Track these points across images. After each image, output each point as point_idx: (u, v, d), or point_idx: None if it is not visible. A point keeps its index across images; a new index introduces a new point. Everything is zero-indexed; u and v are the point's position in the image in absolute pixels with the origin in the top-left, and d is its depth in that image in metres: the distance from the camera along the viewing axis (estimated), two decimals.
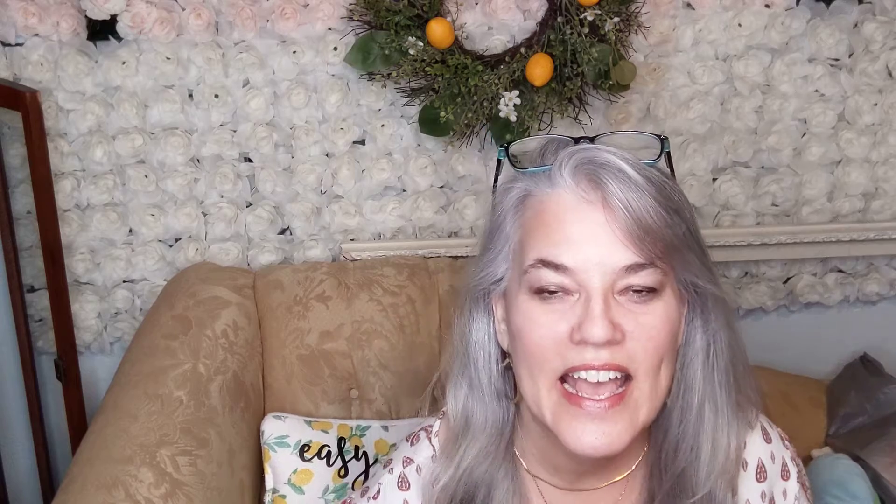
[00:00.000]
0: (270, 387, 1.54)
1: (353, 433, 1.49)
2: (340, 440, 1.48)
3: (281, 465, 1.45)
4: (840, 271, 1.91)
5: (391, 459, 1.01)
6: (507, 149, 0.91)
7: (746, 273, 1.88)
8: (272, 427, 1.47)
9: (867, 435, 1.67)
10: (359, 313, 1.56)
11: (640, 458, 0.95)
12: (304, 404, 1.54)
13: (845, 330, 1.94)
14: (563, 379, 0.84)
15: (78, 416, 1.68)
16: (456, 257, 1.69)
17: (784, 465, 0.98)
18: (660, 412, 0.89)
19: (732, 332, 0.92)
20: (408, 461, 0.99)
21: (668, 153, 0.89)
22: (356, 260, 1.71)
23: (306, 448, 1.46)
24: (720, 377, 0.90)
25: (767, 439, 0.98)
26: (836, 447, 1.69)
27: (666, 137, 0.89)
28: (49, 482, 1.79)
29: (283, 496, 1.44)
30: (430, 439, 0.99)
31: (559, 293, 0.84)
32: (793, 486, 0.99)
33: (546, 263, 0.84)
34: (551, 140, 0.89)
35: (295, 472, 1.45)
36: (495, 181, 0.93)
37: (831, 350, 1.91)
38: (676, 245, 0.84)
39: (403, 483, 0.98)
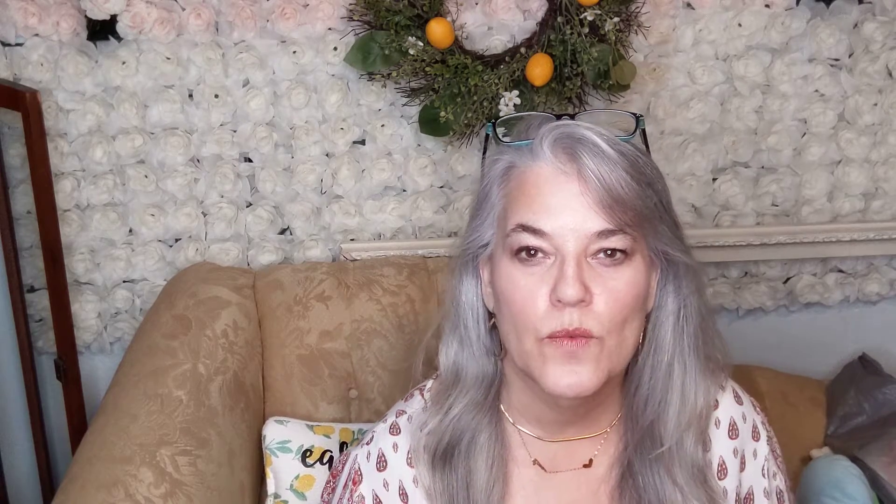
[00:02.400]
0: (270, 387, 1.55)
1: (356, 437, 1.48)
2: (343, 445, 1.48)
3: (283, 471, 1.45)
4: (840, 271, 1.91)
5: (386, 414, 1.08)
6: (494, 125, 0.98)
7: (746, 273, 1.89)
8: (274, 432, 1.47)
9: (866, 435, 1.67)
10: (358, 313, 1.56)
11: (619, 416, 1.02)
12: (304, 404, 1.54)
13: (845, 330, 1.94)
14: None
15: (78, 416, 1.68)
16: None
17: (754, 426, 1.06)
18: (632, 369, 0.98)
19: (702, 298, 0.99)
20: (400, 412, 1.06)
21: (644, 130, 0.96)
22: (356, 260, 1.71)
23: (308, 453, 1.46)
24: (689, 339, 0.97)
25: (739, 401, 1.06)
26: (834, 447, 1.69)
27: (641, 116, 0.96)
28: (49, 482, 1.79)
29: (286, 501, 1.43)
30: (422, 395, 1.06)
31: (538, 255, 0.91)
32: (762, 447, 1.06)
33: (526, 228, 0.91)
34: (535, 116, 0.97)
35: (297, 477, 1.45)
36: (484, 153, 1.01)
37: (831, 350, 1.91)
38: (647, 215, 0.92)
39: (395, 429, 1.05)
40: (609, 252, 0.90)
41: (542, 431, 1.01)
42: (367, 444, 1.05)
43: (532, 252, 0.91)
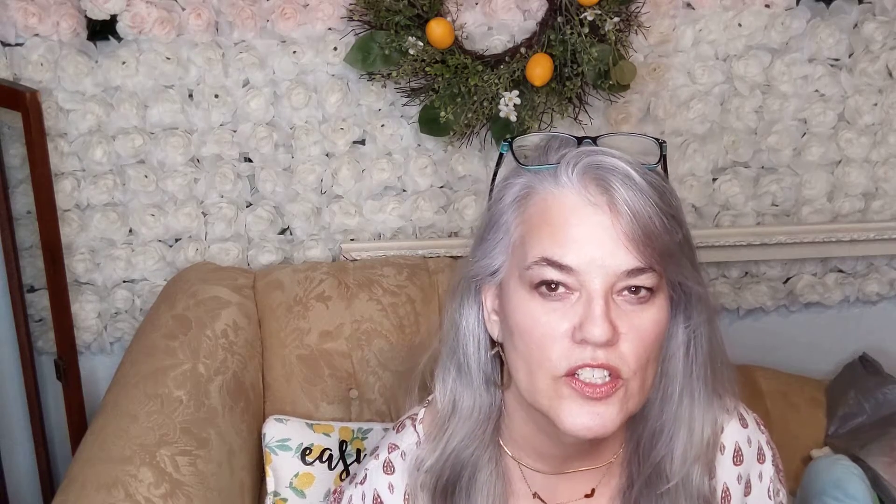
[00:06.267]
0: (270, 387, 1.55)
1: (355, 436, 1.49)
2: (342, 443, 1.48)
3: (283, 469, 1.45)
4: (840, 271, 1.91)
5: (378, 447, 1.04)
6: (510, 144, 0.93)
7: (746, 273, 1.89)
8: (274, 430, 1.47)
9: (866, 435, 1.67)
10: (359, 313, 1.56)
11: (622, 447, 0.99)
12: (304, 404, 1.54)
13: (845, 330, 1.94)
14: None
15: (78, 416, 1.68)
16: (456, 257, 1.69)
17: (760, 448, 1.02)
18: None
19: (712, 327, 0.95)
20: (393, 447, 1.02)
21: (664, 156, 0.91)
22: (356, 260, 1.71)
23: (308, 451, 1.46)
24: (698, 370, 0.94)
25: (744, 424, 1.01)
26: (835, 447, 1.69)
27: (664, 142, 0.91)
28: (49, 482, 1.79)
29: (285, 499, 1.44)
30: (414, 426, 1.02)
31: (560, 289, 0.85)
32: (768, 468, 1.03)
33: (550, 262, 0.85)
34: (554, 137, 0.92)
35: (297, 475, 1.45)
36: (495, 174, 0.95)
37: (831, 350, 1.91)
38: (673, 250, 0.87)
39: (388, 468, 1.01)
40: (634, 289, 0.85)
41: (544, 465, 0.98)
42: (361, 483, 1.02)
43: (553, 286, 0.85)
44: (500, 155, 0.94)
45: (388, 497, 1.00)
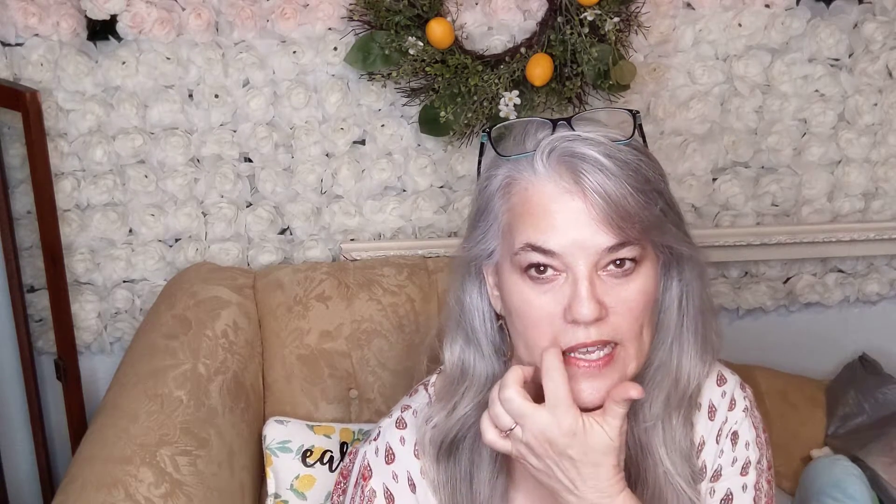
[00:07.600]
0: (270, 387, 1.55)
1: (356, 437, 1.49)
2: (343, 445, 1.48)
3: (283, 471, 1.45)
4: (840, 271, 1.91)
5: (392, 409, 1.08)
6: (489, 134, 0.96)
7: (746, 273, 1.89)
8: (274, 432, 1.47)
9: (866, 435, 1.67)
10: (358, 313, 1.56)
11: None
12: (304, 404, 1.54)
13: (845, 330, 1.94)
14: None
15: (78, 416, 1.68)
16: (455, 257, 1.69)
17: (732, 399, 1.05)
18: None
19: (703, 283, 0.99)
20: (406, 407, 1.07)
21: (640, 125, 0.94)
22: (356, 260, 1.71)
23: (309, 453, 1.46)
24: (689, 323, 0.98)
25: (720, 383, 1.05)
26: (835, 447, 1.69)
27: (637, 112, 0.94)
28: (49, 482, 1.79)
29: (286, 501, 1.44)
30: (426, 389, 1.07)
31: (548, 271, 0.90)
32: (736, 415, 1.04)
33: (535, 248, 0.90)
34: (530, 122, 0.95)
35: (297, 477, 1.45)
36: (479, 163, 0.98)
37: (831, 350, 1.91)
38: (653, 222, 0.90)
39: (401, 424, 1.05)
40: (619, 262, 0.89)
41: None
42: (375, 439, 1.06)
43: (542, 269, 0.90)
44: (482, 144, 0.97)
45: (400, 449, 1.04)
